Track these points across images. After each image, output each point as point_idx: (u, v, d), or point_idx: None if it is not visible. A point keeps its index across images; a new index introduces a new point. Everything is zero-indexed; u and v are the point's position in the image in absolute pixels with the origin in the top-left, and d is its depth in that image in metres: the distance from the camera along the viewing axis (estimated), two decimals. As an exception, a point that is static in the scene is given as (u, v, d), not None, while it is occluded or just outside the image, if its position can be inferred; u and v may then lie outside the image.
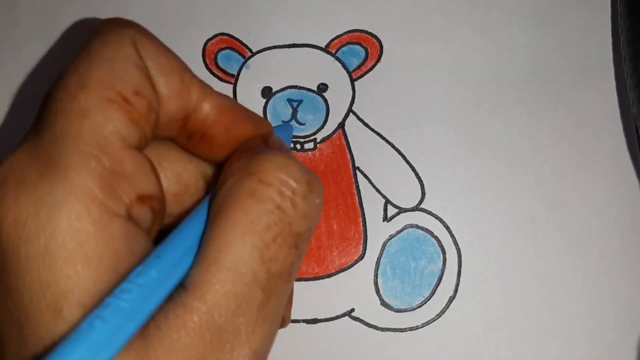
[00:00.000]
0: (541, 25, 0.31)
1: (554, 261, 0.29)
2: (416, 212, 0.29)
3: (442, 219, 0.29)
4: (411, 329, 0.28)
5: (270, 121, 0.30)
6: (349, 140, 0.30)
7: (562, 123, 0.30)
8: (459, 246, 0.29)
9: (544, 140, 0.30)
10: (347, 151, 0.30)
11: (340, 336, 0.28)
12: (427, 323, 0.28)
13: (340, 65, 0.31)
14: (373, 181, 0.30)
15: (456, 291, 0.28)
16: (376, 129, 0.30)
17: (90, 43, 0.20)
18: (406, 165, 0.30)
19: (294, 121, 0.30)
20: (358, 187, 0.30)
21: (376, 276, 0.29)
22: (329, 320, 0.28)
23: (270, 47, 0.31)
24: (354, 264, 0.29)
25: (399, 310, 0.28)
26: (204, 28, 0.32)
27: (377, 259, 0.29)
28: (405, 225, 0.29)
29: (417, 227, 0.29)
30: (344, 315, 0.28)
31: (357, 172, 0.30)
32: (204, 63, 0.31)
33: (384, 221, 0.29)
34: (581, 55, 0.31)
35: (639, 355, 0.27)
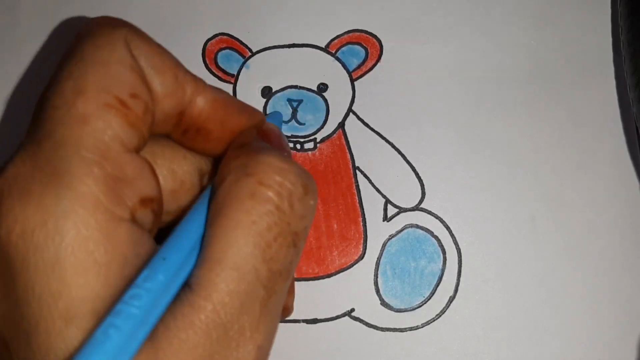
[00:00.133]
0: (541, 25, 0.31)
1: (554, 261, 0.29)
2: (416, 212, 0.29)
3: (442, 219, 0.29)
4: (411, 329, 0.28)
5: (270, 121, 0.30)
6: (349, 140, 0.30)
7: (562, 123, 0.30)
8: (459, 246, 0.29)
9: (544, 140, 0.30)
10: (347, 151, 0.30)
11: (340, 336, 0.28)
12: (427, 323, 0.28)
13: (340, 65, 0.31)
14: (373, 181, 0.30)
15: (456, 291, 0.28)
16: (376, 129, 0.30)
17: (81, 45, 0.20)
18: (406, 165, 0.30)
19: (293, 121, 0.30)
20: (358, 187, 0.30)
21: (376, 276, 0.29)
22: (329, 320, 0.28)
23: (270, 47, 0.31)
24: (354, 264, 0.29)
25: (399, 310, 0.28)
26: (204, 28, 0.32)
27: (377, 258, 0.29)
28: (405, 225, 0.29)
29: (417, 227, 0.29)
30: (344, 315, 0.28)
31: (357, 172, 0.30)
32: (203, 63, 0.31)
33: (384, 221, 0.29)
34: (581, 55, 0.31)
35: (639, 355, 0.27)
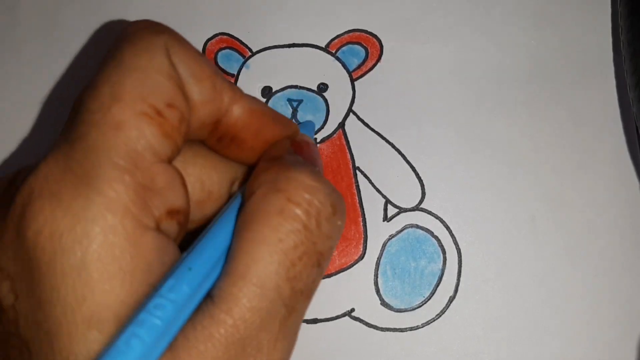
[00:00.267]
0: (541, 25, 0.31)
1: (554, 261, 0.29)
2: (416, 212, 0.29)
3: (442, 219, 0.29)
4: (411, 329, 0.28)
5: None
6: (349, 140, 0.30)
7: (562, 123, 0.30)
8: (459, 246, 0.29)
9: (544, 140, 0.30)
10: (347, 151, 0.30)
11: (340, 336, 0.28)
12: (427, 323, 0.28)
13: (341, 65, 0.31)
14: (373, 181, 0.30)
15: (456, 291, 0.28)
16: (376, 129, 0.30)
17: (121, 50, 0.20)
18: (406, 165, 0.30)
19: (293, 121, 0.30)
20: (358, 187, 0.30)
21: (376, 276, 0.29)
22: (329, 320, 0.28)
23: (270, 46, 0.31)
24: (354, 264, 0.29)
25: (399, 310, 0.28)
26: (204, 28, 0.31)
27: (377, 258, 0.29)
28: (406, 225, 0.29)
29: (417, 227, 0.29)
30: (344, 315, 0.28)
31: (357, 172, 0.30)
32: (204, 63, 0.31)
33: (384, 221, 0.29)
34: (581, 55, 0.31)
35: (639, 355, 0.27)
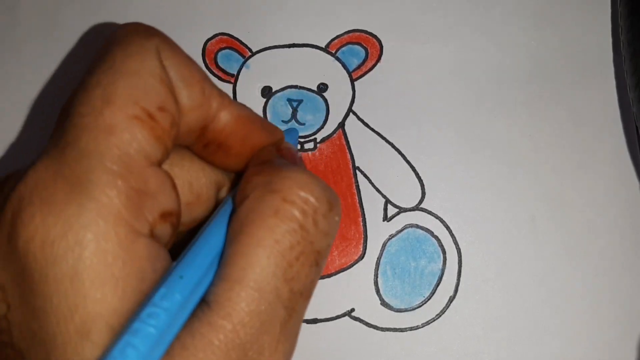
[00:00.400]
0: (541, 25, 0.31)
1: (554, 261, 0.29)
2: (416, 211, 0.29)
3: (442, 219, 0.29)
4: (411, 328, 0.28)
5: (270, 121, 0.30)
6: (349, 140, 0.30)
7: (562, 123, 0.30)
8: (459, 246, 0.29)
9: (544, 140, 0.30)
10: (347, 151, 0.30)
11: (340, 336, 0.28)
12: (427, 323, 0.28)
13: (340, 65, 0.31)
14: (373, 181, 0.30)
15: (456, 291, 0.28)
16: (376, 129, 0.30)
17: (112, 53, 0.19)
18: (406, 165, 0.30)
19: (293, 121, 0.30)
20: (358, 187, 0.30)
21: (376, 276, 0.29)
22: (329, 320, 0.28)
23: (270, 47, 0.31)
24: (354, 264, 0.29)
25: (399, 310, 0.28)
26: (204, 28, 0.31)
27: (377, 258, 0.29)
28: (406, 225, 0.29)
29: (417, 226, 0.29)
30: (344, 315, 0.28)
31: (357, 172, 0.30)
32: (203, 63, 0.31)
33: (384, 221, 0.29)
34: (581, 55, 0.31)
35: (639, 355, 0.27)
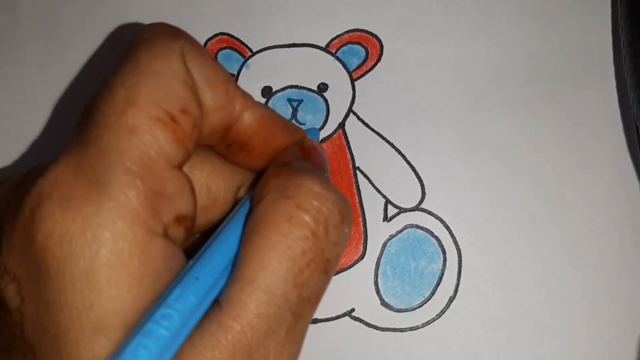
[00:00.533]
0: (541, 25, 0.31)
1: (554, 261, 0.29)
2: (416, 212, 0.29)
3: (442, 219, 0.29)
4: (411, 329, 0.28)
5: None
6: (349, 140, 0.30)
7: (562, 123, 0.30)
8: (459, 246, 0.29)
9: (544, 140, 0.30)
10: (347, 151, 0.30)
11: (340, 336, 0.28)
12: (427, 323, 0.28)
13: (341, 65, 0.31)
14: (373, 181, 0.30)
15: (456, 291, 0.28)
16: (376, 129, 0.30)
17: (137, 53, 0.19)
18: (406, 165, 0.30)
19: (293, 121, 0.30)
20: (358, 187, 0.30)
21: (376, 276, 0.29)
22: (329, 320, 0.28)
23: (270, 46, 0.31)
24: (354, 264, 0.29)
25: (399, 310, 0.28)
26: (204, 28, 0.31)
27: (377, 259, 0.29)
28: (406, 225, 0.29)
29: (417, 227, 0.29)
30: (344, 315, 0.28)
31: (357, 172, 0.30)
32: (204, 63, 0.31)
33: (384, 221, 0.29)
34: (581, 55, 0.31)
35: (639, 355, 0.27)
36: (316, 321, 0.28)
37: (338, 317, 0.28)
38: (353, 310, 0.28)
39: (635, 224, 0.29)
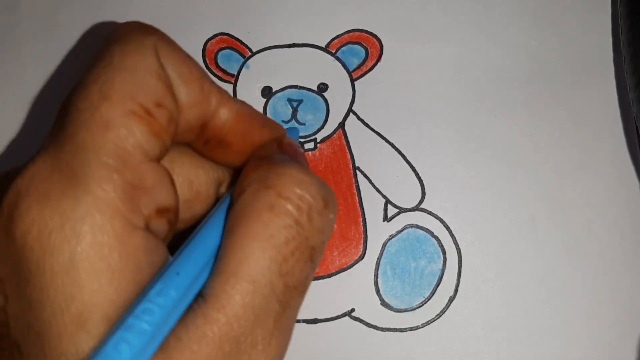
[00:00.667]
0: (541, 25, 0.31)
1: (554, 261, 0.29)
2: (416, 212, 0.29)
3: (442, 219, 0.29)
4: (411, 329, 0.28)
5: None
6: (349, 140, 0.30)
7: (562, 123, 0.30)
8: (459, 246, 0.29)
9: (544, 140, 0.30)
10: (347, 151, 0.30)
11: (340, 336, 0.28)
12: (428, 323, 0.28)
13: (341, 65, 0.31)
14: (373, 181, 0.30)
15: (456, 291, 0.28)
16: (376, 129, 0.30)
17: (110, 50, 0.20)
18: (406, 165, 0.30)
19: (293, 121, 0.30)
20: (358, 187, 0.30)
21: (376, 276, 0.29)
22: (329, 320, 0.28)
23: (270, 46, 0.31)
24: (354, 264, 0.29)
25: (399, 310, 0.28)
26: (204, 28, 0.31)
27: (377, 259, 0.29)
28: (406, 225, 0.29)
29: (418, 227, 0.29)
30: (344, 315, 0.28)
31: (357, 172, 0.30)
32: (203, 63, 0.31)
33: (384, 221, 0.29)
34: (581, 55, 0.31)
35: (639, 355, 0.27)
36: (316, 321, 0.28)
37: (338, 317, 0.28)
38: (353, 310, 0.28)
39: (635, 224, 0.29)
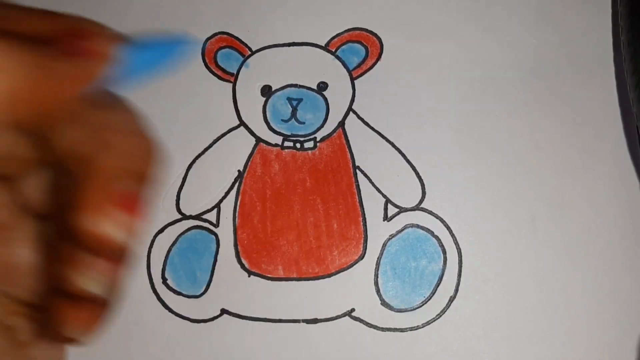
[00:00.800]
0: (542, 25, 0.31)
1: (554, 261, 0.29)
2: (416, 211, 0.29)
3: (442, 219, 0.29)
4: (411, 328, 0.28)
5: (270, 120, 0.30)
6: (349, 139, 0.30)
7: (562, 122, 0.30)
8: (459, 246, 0.29)
9: (545, 139, 0.30)
10: (347, 150, 0.30)
11: (340, 336, 0.28)
12: (428, 323, 0.28)
13: (340, 63, 0.31)
14: (373, 180, 0.30)
15: (456, 291, 0.28)
16: (376, 128, 0.30)
17: None
18: (406, 164, 0.30)
19: (293, 120, 0.30)
20: (358, 186, 0.30)
21: (376, 276, 0.29)
22: (329, 320, 0.28)
23: (269, 45, 0.31)
24: (354, 264, 0.29)
25: (399, 310, 0.28)
26: (203, 27, 0.31)
27: (378, 258, 0.29)
28: (406, 225, 0.29)
29: (418, 226, 0.29)
30: (344, 315, 0.28)
31: (357, 171, 0.30)
32: (203, 62, 0.31)
33: (384, 221, 0.29)
34: (582, 54, 0.31)
35: (639, 355, 0.28)
36: (316, 321, 0.28)
37: (338, 317, 0.28)
38: (353, 310, 0.28)
39: (635, 224, 0.29)
